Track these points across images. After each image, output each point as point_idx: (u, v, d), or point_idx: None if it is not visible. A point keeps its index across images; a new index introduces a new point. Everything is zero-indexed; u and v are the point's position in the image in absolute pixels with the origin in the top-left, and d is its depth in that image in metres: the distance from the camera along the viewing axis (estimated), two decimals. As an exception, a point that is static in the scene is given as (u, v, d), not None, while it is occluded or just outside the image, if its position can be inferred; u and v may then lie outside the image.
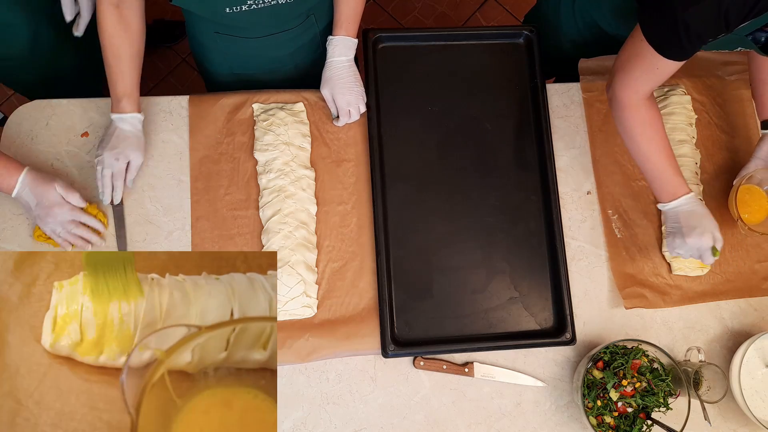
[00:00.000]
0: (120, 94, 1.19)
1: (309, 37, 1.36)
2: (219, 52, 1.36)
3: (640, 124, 1.17)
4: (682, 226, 1.19)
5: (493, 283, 1.29)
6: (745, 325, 1.33)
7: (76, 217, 1.19)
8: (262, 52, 1.35)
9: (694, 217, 1.19)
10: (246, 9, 1.15)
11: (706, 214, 1.20)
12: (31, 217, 1.20)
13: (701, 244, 1.18)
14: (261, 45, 1.32)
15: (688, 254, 1.21)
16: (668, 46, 1.06)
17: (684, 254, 1.22)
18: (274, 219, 1.24)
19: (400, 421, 1.22)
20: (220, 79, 1.44)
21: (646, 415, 1.19)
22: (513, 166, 1.36)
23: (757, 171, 1.29)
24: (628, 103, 1.16)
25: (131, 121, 1.20)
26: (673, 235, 1.22)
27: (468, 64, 1.41)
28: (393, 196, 1.31)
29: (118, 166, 1.19)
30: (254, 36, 1.30)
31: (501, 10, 2.51)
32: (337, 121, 1.33)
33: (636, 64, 1.12)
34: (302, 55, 1.40)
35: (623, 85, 1.15)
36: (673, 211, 1.21)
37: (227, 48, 1.33)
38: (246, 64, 1.38)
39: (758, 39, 1.05)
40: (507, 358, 1.27)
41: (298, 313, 1.22)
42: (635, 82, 1.14)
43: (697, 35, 1.01)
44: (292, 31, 1.31)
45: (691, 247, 1.19)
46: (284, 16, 1.25)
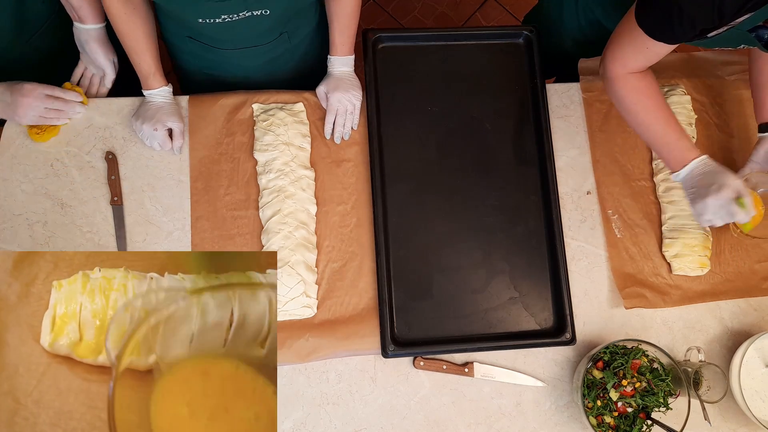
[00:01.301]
0: (145, 73, 1.25)
1: (280, 51, 1.37)
2: (190, 54, 1.37)
3: (633, 93, 1.14)
4: (698, 188, 1.11)
5: (493, 283, 1.29)
6: (745, 325, 1.33)
7: (50, 93, 1.25)
8: (234, 61, 1.36)
9: (709, 176, 1.11)
10: (220, 22, 1.16)
11: (721, 170, 1.11)
12: (9, 113, 1.25)
13: (722, 198, 1.08)
14: (233, 55, 1.33)
15: (717, 217, 1.11)
16: (659, 28, 1.04)
17: (714, 219, 1.12)
18: (274, 219, 1.24)
19: (400, 421, 1.21)
20: (192, 77, 1.45)
21: (646, 415, 1.19)
22: (513, 166, 1.36)
23: (752, 174, 1.27)
24: (618, 75, 1.14)
25: (161, 94, 1.27)
26: (693, 202, 1.13)
27: (468, 64, 1.41)
28: (393, 196, 1.31)
29: (159, 135, 1.26)
30: (226, 48, 1.31)
31: (501, 10, 2.51)
32: (332, 138, 1.34)
33: (627, 41, 1.10)
34: (274, 65, 1.40)
35: (614, 59, 1.14)
36: (687, 177, 1.14)
37: (198, 52, 1.34)
38: (218, 68, 1.39)
39: (761, 36, 1.04)
40: (507, 358, 1.26)
41: (298, 313, 1.22)
42: (624, 57, 1.12)
43: (690, 21, 0.99)
44: (264, 47, 1.32)
45: (714, 205, 1.09)
46: (257, 31, 1.26)
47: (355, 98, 1.32)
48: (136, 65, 1.24)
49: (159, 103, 1.26)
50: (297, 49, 1.39)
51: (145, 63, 1.23)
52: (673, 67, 1.46)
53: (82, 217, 1.26)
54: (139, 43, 1.21)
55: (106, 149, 1.30)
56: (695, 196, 1.14)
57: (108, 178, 1.28)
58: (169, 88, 1.27)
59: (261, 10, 1.15)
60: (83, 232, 1.25)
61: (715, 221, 1.13)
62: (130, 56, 1.24)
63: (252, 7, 1.13)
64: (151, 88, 1.26)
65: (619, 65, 1.13)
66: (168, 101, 1.27)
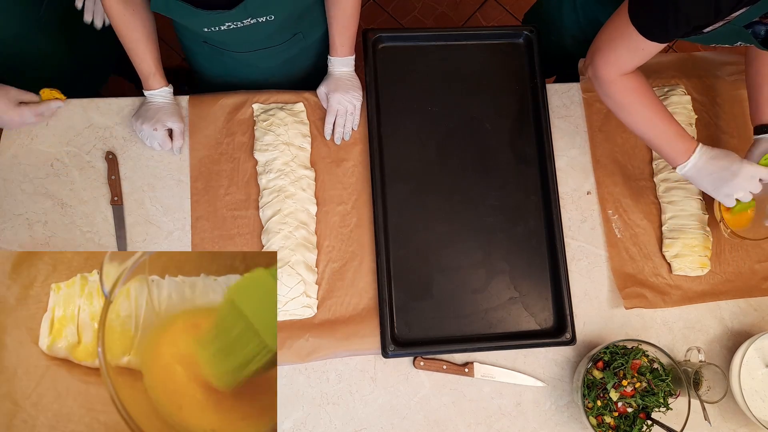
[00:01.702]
0: (146, 74, 1.25)
1: (297, 50, 1.36)
2: (207, 58, 1.38)
3: (630, 94, 1.15)
4: (718, 170, 1.14)
5: (493, 283, 1.29)
6: (745, 325, 1.33)
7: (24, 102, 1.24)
8: (252, 63, 1.36)
9: (719, 159, 1.15)
10: (225, 29, 1.15)
11: (723, 150, 1.16)
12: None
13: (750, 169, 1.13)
14: (249, 58, 1.33)
15: (746, 191, 1.14)
16: (653, 27, 1.03)
17: (744, 195, 1.15)
18: (274, 219, 1.24)
19: (400, 421, 1.21)
20: (212, 81, 1.45)
21: (646, 415, 1.19)
22: (513, 165, 1.35)
23: None
24: (612, 79, 1.14)
25: (162, 95, 1.27)
26: (717, 187, 1.15)
27: (468, 64, 1.41)
28: (393, 196, 1.30)
29: (158, 135, 1.26)
30: (241, 51, 1.31)
31: (501, 10, 2.51)
32: (331, 138, 1.33)
33: (619, 43, 1.09)
34: (292, 66, 1.40)
35: (606, 62, 1.13)
36: (696, 166, 1.16)
37: (215, 57, 1.35)
38: (235, 72, 1.39)
39: (758, 33, 1.03)
40: (507, 358, 1.26)
41: (298, 314, 1.22)
42: (618, 60, 1.12)
43: (686, 17, 0.98)
44: (279, 47, 1.32)
45: (745, 179, 1.13)
46: (268, 34, 1.26)
47: (356, 99, 1.31)
48: (137, 65, 1.24)
49: (159, 104, 1.26)
50: (313, 48, 1.38)
51: (146, 63, 1.23)
52: (673, 67, 1.46)
53: (83, 217, 1.26)
54: (139, 44, 1.21)
55: (107, 149, 1.29)
56: (717, 179, 1.15)
57: (108, 178, 1.28)
58: (169, 88, 1.27)
59: (265, 17, 1.14)
60: (83, 232, 1.25)
61: (745, 197, 1.16)
62: (131, 57, 1.24)
63: (254, 15, 1.13)
64: (151, 88, 1.26)
65: (613, 68, 1.13)
66: (168, 101, 1.27)
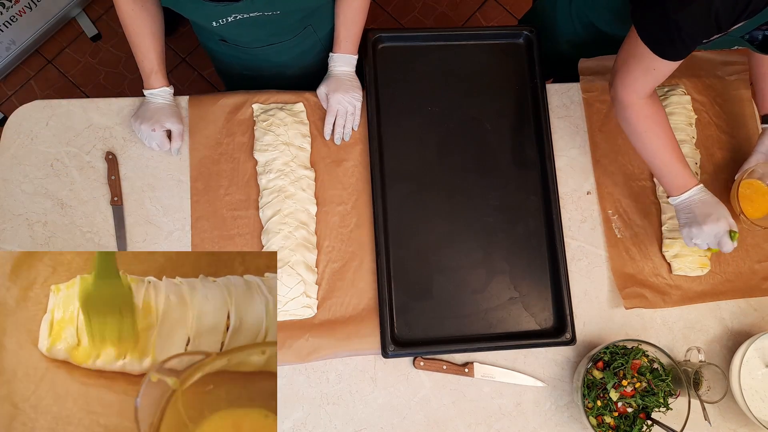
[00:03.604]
0: (148, 71, 1.25)
1: (310, 43, 1.36)
2: (226, 55, 1.38)
3: (644, 121, 1.17)
4: (696, 215, 1.19)
5: (493, 283, 1.29)
6: (745, 325, 1.33)
7: None
8: (267, 58, 1.36)
9: (707, 205, 1.19)
10: (232, 20, 1.15)
11: (718, 202, 1.20)
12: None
13: (718, 229, 1.17)
14: (263, 53, 1.33)
15: (706, 242, 1.20)
16: (663, 47, 1.06)
17: (701, 243, 1.20)
18: (274, 219, 1.24)
19: (400, 422, 1.21)
20: (232, 77, 1.46)
21: (646, 415, 1.19)
22: (513, 166, 1.35)
23: (758, 165, 1.29)
24: (630, 103, 1.17)
25: (161, 95, 1.27)
26: (688, 225, 1.21)
27: (468, 64, 1.41)
28: (393, 196, 1.30)
29: (157, 136, 1.26)
30: (255, 46, 1.31)
31: (501, 10, 2.51)
32: (331, 138, 1.34)
33: (634, 65, 1.12)
34: (306, 58, 1.40)
35: (624, 85, 1.16)
36: (685, 203, 1.21)
37: (233, 54, 1.35)
38: (253, 67, 1.40)
39: (755, 37, 1.05)
40: (507, 358, 1.26)
41: (298, 314, 1.22)
42: (635, 83, 1.14)
43: (690, 36, 1.02)
44: (291, 41, 1.32)
45: (709, 233, 1.18)
46: (278, 27, 1.26)
47: (356, 99, 1.31)
48: (140, 62, 1.25)
49: (159, 104, 1.26)
50: (326, 40, 1.37)
51: (148, 60, 1.23)
52: (673, 67, 1.46)
53: (82, 217, 1.26)
54: (144, 40, 1.21)
55: (106, 149, 1.29)
56: (690, 220, 1.21)
57: (108, 178, 1.28)
58: (170, 89, 1.27)
59: (271, 11, 1.15)
60: (83, 232, 1.25)
61: (702, 245, 1.21)
62: (135, 52, 1.24)
63: (261, 9, 1.13)
64: (152, 87, 1.26)
65: (631, 91, 1.16)
66: (168, 102, 1.27)
